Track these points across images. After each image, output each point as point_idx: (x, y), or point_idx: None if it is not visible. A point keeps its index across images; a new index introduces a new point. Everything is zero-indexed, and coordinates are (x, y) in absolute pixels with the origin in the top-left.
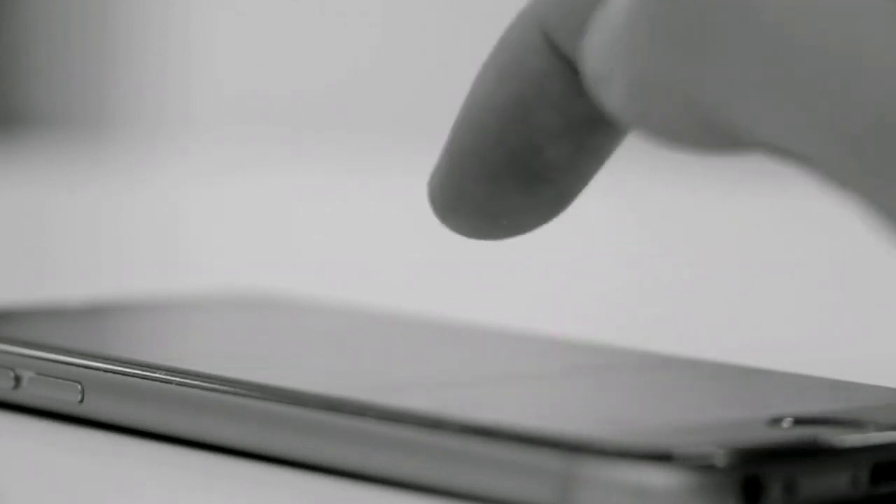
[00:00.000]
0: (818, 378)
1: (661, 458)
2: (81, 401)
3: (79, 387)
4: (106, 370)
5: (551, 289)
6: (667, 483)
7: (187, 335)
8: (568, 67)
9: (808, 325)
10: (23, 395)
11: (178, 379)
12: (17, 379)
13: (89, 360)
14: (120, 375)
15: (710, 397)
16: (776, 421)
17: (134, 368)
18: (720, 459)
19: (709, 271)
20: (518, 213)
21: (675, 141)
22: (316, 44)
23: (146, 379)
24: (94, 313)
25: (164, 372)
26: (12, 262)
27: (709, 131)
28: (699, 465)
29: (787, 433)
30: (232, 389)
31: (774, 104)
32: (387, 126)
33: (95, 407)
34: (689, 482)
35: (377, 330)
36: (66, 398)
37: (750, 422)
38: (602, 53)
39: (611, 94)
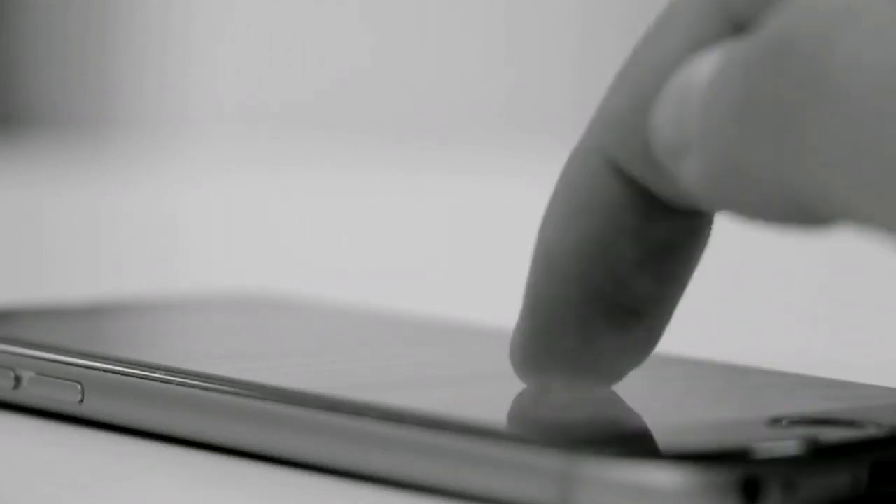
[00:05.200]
0: (818, 378)
1: (661, 458)
2: (81, 401)
3: (79, 387)
4: (106, 370)
5: None
6: (666, 483)
7: (187, 335)
8: (638, 192)
9: (808, 325)
10: (23, 395)
11: (178, 379)
12: (17, 379)
13: (89, 360)
14: (120, 375)
15: (710, 397)
16: (776, 421)
17: (134, 368)
18: (720, 459)
19: (709, 271)
20: (610, 359)
21: (759, 219)
22: (315, 44)
23: (146, 379)
24: (94, 313)
25: (164, 372)
26: (12, 262)
27: (796, 209)
28: (699, 465)
29: (787, 433)
30: (232, 389)
31: (869, 184)
32: (386, 126)
33: (95, 407)
34: (689, 482)
35: (377, 330)
36: (66, 398)
37: (750, 422)
38: (677, 127)
39: (686, 171)
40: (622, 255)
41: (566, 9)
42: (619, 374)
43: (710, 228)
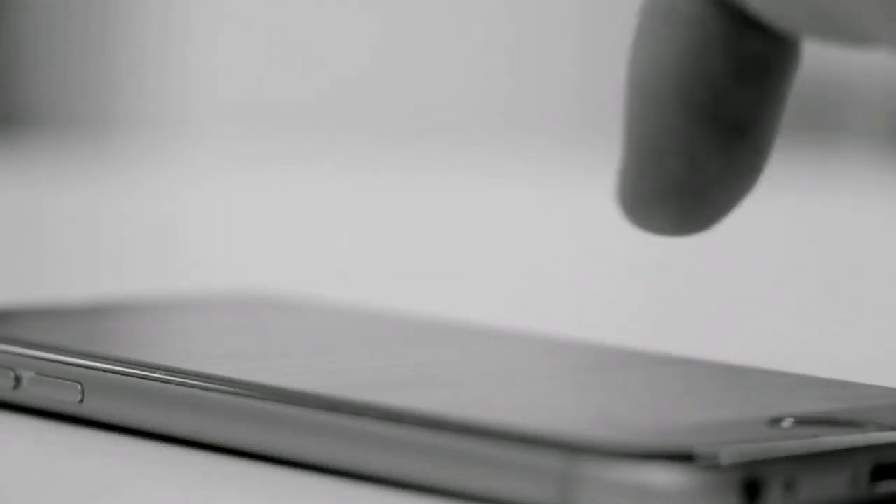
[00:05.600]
0: (818, 378)
1: (661, 458)
2: (81, 401)
3: (79, 387)
4: (106, 370)
5: (551, 288)
6: (667, 483)
7: (187, 335)
8: (720, 5)
9: (808, 325)
10: (23, 395)
11: (178, 379)
12: (17, 379)
13: (89, 360)
14: (120, 375)
15: (710, 397)
16: (776, 421)
17: (134, 368)
18: (720, 459)
19: (709, 271)
20: (720, 181)
21: (808, 34)
22: (315, 43)
23: (146, 379)
24: (94, 313)
25: (164, 372)
26: (12, 262)
27: (836, 27)
28: (699, 465)
29: (787, 433)
30: (232, 389)
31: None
32: (387, 126)
33: (95, 407)
34: (689, 482)
35: (377, 330)
36: (66, 398)
37: (750, 422)
38: None
39: None
40: (715, 67)
41: (566, 9)
42: (726, 204)
43: (797, 46)
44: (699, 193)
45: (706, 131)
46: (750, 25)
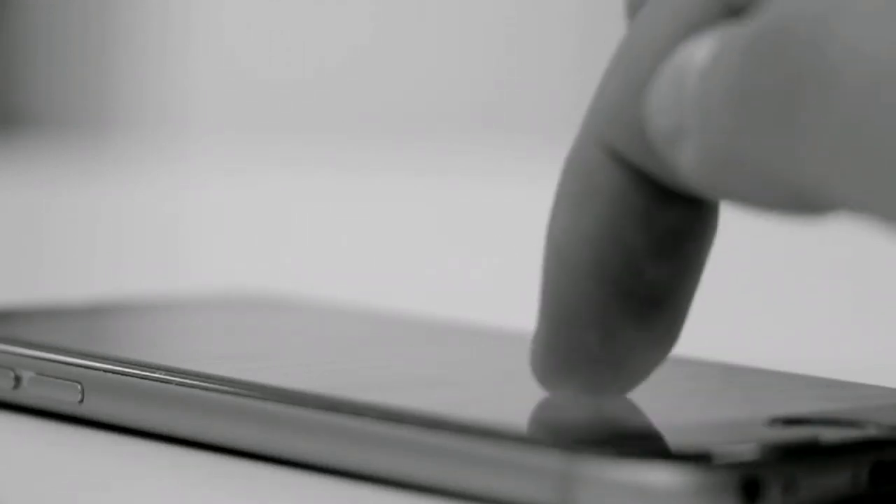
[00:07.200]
0: (818, 378)
1: (661, 457)
2: (81, 401)
3: (79, 387)
4: (106, 370)
5: None
6: (666, 483)
7: (187, 335)
8: (640, 179)
9: (808, 325)
10: (23, 395)
11: (178, 379)
12: (17, 379)
13: (89, 360)
14: (120, 375)
15: (710, 397)
16: (776, 421)
17: (134, 368)
18: (720, 459)
19: (709, 271)
20: (632, 354)
21: (757, 207)
22: (316, 44)
23: (146, 379)
24: (94, 313)
25: (164, 372)
26: (12, 262)
27: (794, 198)
28: (699, 464)
29: (786, 433)
30: (232, 389)
31: (867, 173)
32: (389, 127)
33: (95, 407)
34: (689, 482)
35: (376, 330)
36: (66, 398)
37: (749, 422)
38: (672, 113)
39: (683, 158)
40: (632, 242)
41: (563, 8)
42: (641, 372)
43: (717, 215)
44: (612, 364)
45: (620, 305)
46: (669, 198)
